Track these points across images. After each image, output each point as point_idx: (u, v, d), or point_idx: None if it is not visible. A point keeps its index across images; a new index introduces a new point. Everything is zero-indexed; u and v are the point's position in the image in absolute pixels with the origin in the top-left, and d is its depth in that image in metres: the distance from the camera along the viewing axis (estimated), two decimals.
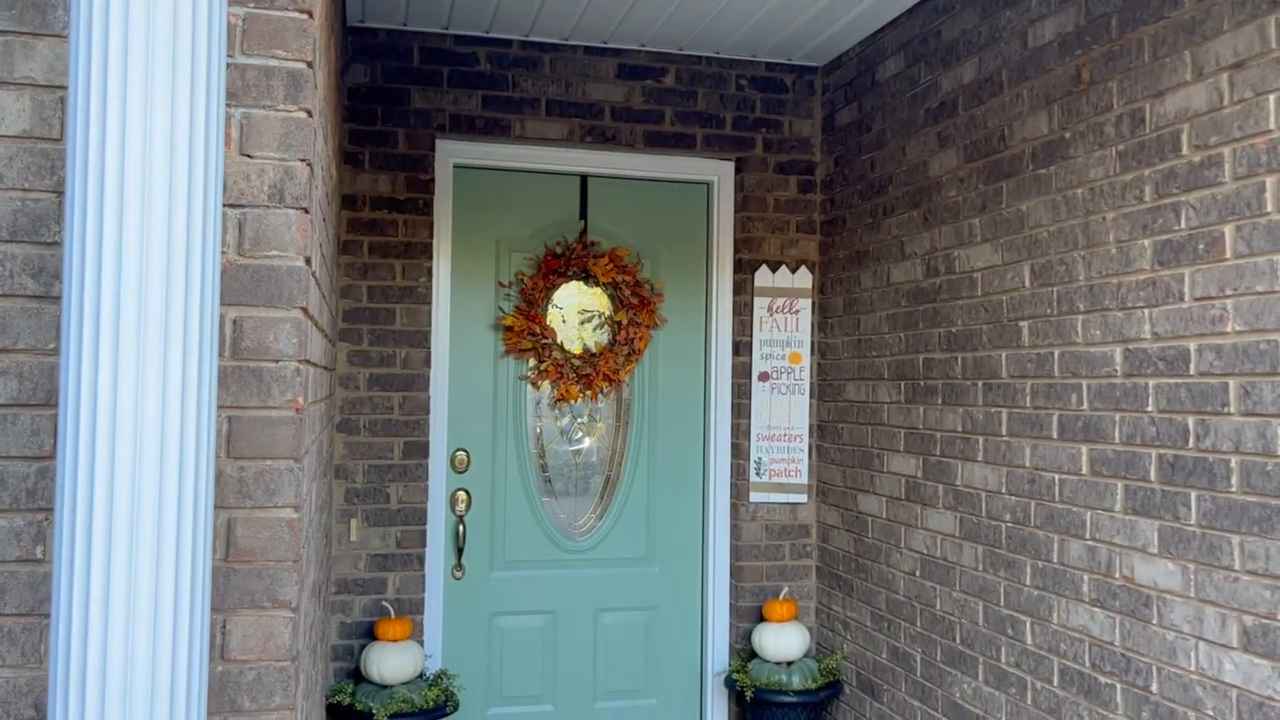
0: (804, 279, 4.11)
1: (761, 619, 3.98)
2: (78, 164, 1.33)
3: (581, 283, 4.11)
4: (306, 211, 1.71)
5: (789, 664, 3.82)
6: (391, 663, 3.47)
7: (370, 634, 3.68)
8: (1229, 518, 2.17)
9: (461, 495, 3.98)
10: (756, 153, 4.12)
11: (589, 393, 4.09)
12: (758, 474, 4.07)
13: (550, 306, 4.08)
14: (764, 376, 4.09)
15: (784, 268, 4.10)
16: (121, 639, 1.30)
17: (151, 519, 1.32)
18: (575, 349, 4.09)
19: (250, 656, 1.66)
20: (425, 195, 3.83)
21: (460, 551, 3.96)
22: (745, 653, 4.01)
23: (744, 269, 4.12)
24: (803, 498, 4.09)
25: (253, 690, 1.65)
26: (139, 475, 1.31)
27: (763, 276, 4.09)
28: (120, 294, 1.30)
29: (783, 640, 3.82)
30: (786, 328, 4.10)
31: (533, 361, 4.06)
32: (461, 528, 3.96)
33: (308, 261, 1.75)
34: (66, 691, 1.30)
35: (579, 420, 4.17)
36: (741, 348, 4.13)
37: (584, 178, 4.14)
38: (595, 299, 4.13)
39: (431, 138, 3.85)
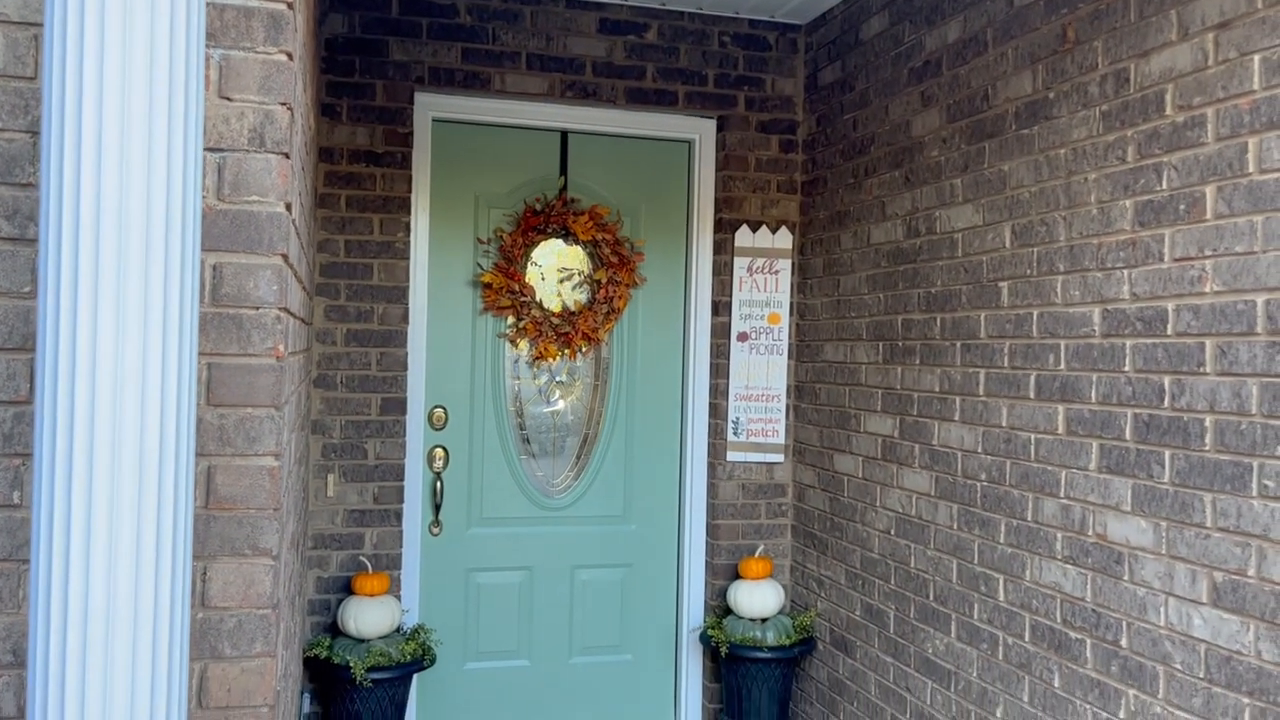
0: (784, 239, 4.11)
1: (737, 576, 4.01)
2: (53, 103, 1.30)
3: (561, 240, 4.09)
4: (287, 156, 1.68)
5: (763, 621, 3.86)
6: (369, 617, 3.48)
7: (347, 589, 3.68)
8: (1202, 476, 2.20)
9: (439, 452, 3.97)
10: (738, 111, 4.10)
11: (568, 351, 4.08)
12: (735, 434, 4.09)
13: (529, 264, 4.06)
14: (743, 337, 4.10)
15: (764, 228, 4.09)
16: (103, 584, 1.29)
17: (132, 464, 1.30)
18: (554, 307, 4.07)
19: (231, 604, 1.65)
20: (404, 149, 3.79)
21: (438, 508, 3.96)
22: (720, 609, 4.04)
23: (724, 228, 4.10)
24: (779, 457, 4.11)
25: (234, 637, 1.65)
26: (119, 420, 1.30)
27: (743, 236, 4.09)
28: (99, 237, 1.28)
29: (757, 597, 3.86)
30: (766, 288, 4.10)
31: (511, 319, 4.04)
32: (439, 484, 3.96)
33: (288, 208, 1.73)
34: (47, 636, 1.29)
35: (557, 379, 4.17)
36: (721, 308, 4.13)
37: (564, 134, 4.10)
38: (575, 257, 4.11)
39: (410, 90, 3.80)
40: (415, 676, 3.75)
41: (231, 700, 1.65)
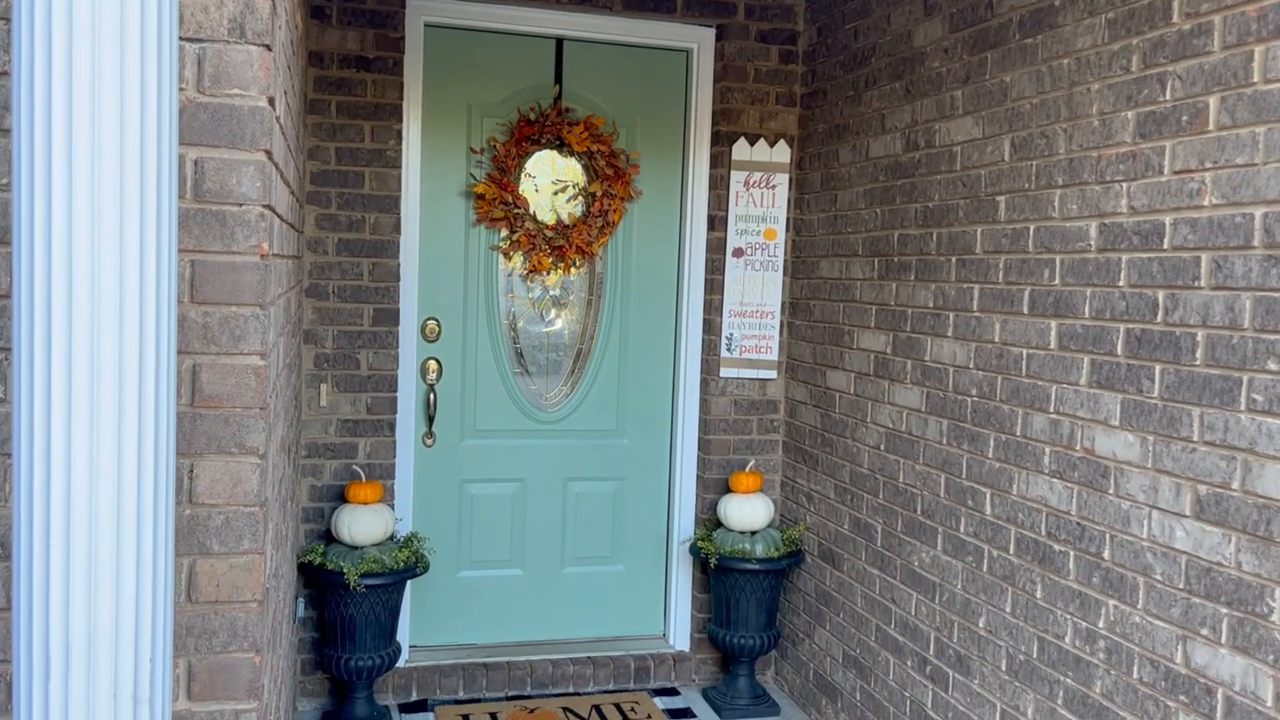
0: (782, 153, 4.05)
1: (728, 490, 4.05)
2: None
3: (555, 151, 4.03)
4: (269, 49, 1.64)
5: (753, 533, 3.90)
6: (362, 525, 3.51)
7: (341, 497, 3.71)
8: (1191, 390, 2.20)
9: (432, 364, 3.97)
10: (738, 19, 4.00)
11: (561, 265, 4.05)
12: (729, 350, 4.08)
13: (523, 175, 4.00)
14: (738, 252, 4.07)
15: (762, 141, 4.03)
16: (86, 476, 1.29)
17: (112, 357, 1.29)
18: (548, 220, 4.03)
19: (218, 501, 1.66)
20: (395, 54, 3.71)
21: (431, 419, 3.98)
22: (711, 522, 4.09)
23: (722, 141, 4.04)
24: (772, 374, 4.11)
25: (221, 534, 1.66)
26: (98, 313, 1.28)
27: (740, 150, 4.03)
28: (72, 119, 1.25)
29: (747, 510, 3.90)
30: (763, 203, 4.06)
31: (505, 231, 4.00)
32: (432, 396, 3.96)
33: (271, 103, 1.69)
34: (31, 528, 1.29)
35: (551, 292, 4.15)
36: (717, 223, 4.09)
37: (559, 41, 4.02)
38: (569, 169, 4.06)
39: None
40: (409, 583, 3.81)
41: (220, 595, 1.67)
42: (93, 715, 1.27)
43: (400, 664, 3.86)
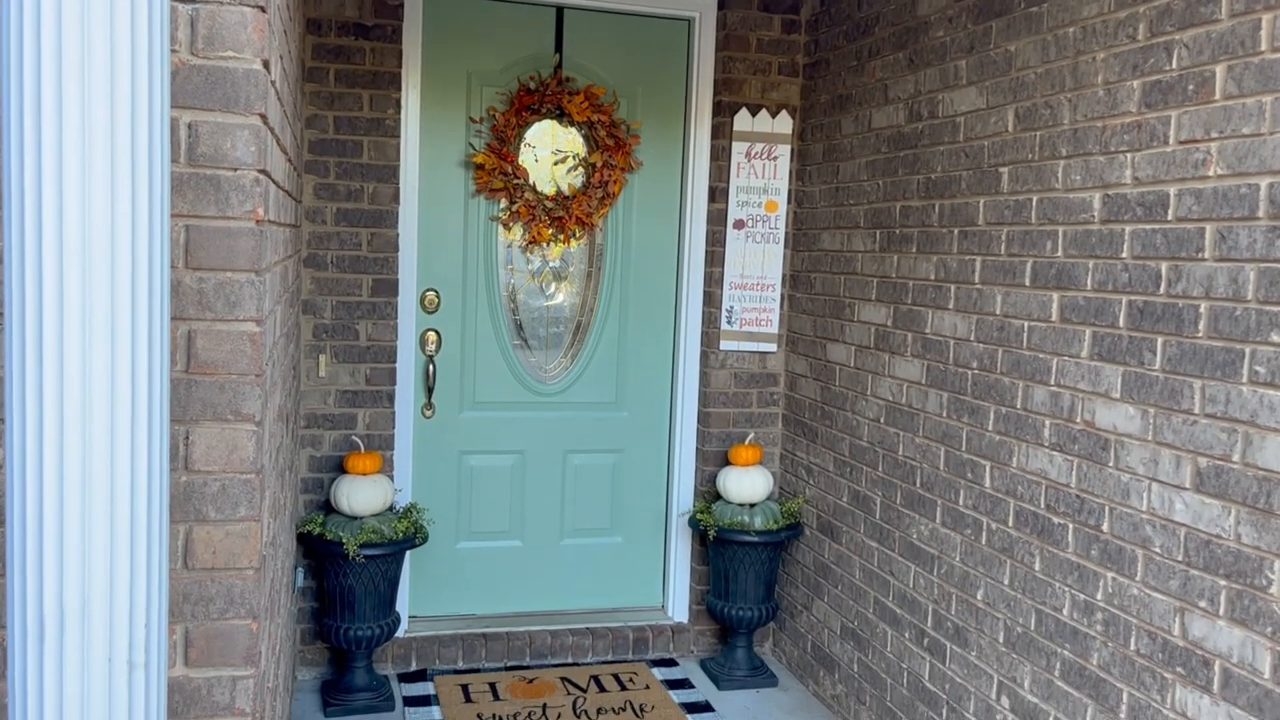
0: (784, 124, 4.02)
1: (727, 463, 4.05)
2: None
3: (555, 121, 3.99)
4: (263, 10, 1.62)
5: (752, 506, 3.90)
6: (361, 495, 3.51)
7: (340, 468, 3.71)
8: (1193, 362, 2.19)
9: (431, 335, 3.96)
10: None
11: (561, 236, 4.03)
12: (729, 323, 4.07)
13: (522, 145, 3.97)
14: (739, 224, 4.04)
15: (764, 111, 4.00)
16: (79, 441, 1.28)
17: (104, 321, 1.28)
18: (548, 191, 4.01)
19: (214, 468, 1.65)
20: (394, 22, 3.67)
21: (430, 391, 3.97)
22: (710, 495, 4.09)
23: (723, 112, 4.01)
24: (772, 347, 4.10)
25: (217, 501, 1.66)
26: (89, 274, 1.27)
27: (742, 120, 3.99)
28: (62, 80, 1.23)
29: (746, 483, 3.89)
30: (764, 174, 4.03)
31: (504, 202, 3.97)
32: (432, 367, 3.96)
33: (266, 66, 1.67)
34: (24, 493, 1.28)
35: (551, 264, 4.13)
36: (718, 194, 4.06)
37: (560, 9, 3.98)
38: (569, 139, 4.03)
39: None
40: (408, 554, 3.81)
41: (217, 562, 1.67)
42: (87, 680, 1.26)
43: (399, 634, 3.87)
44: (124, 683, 1.29)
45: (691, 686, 3.87)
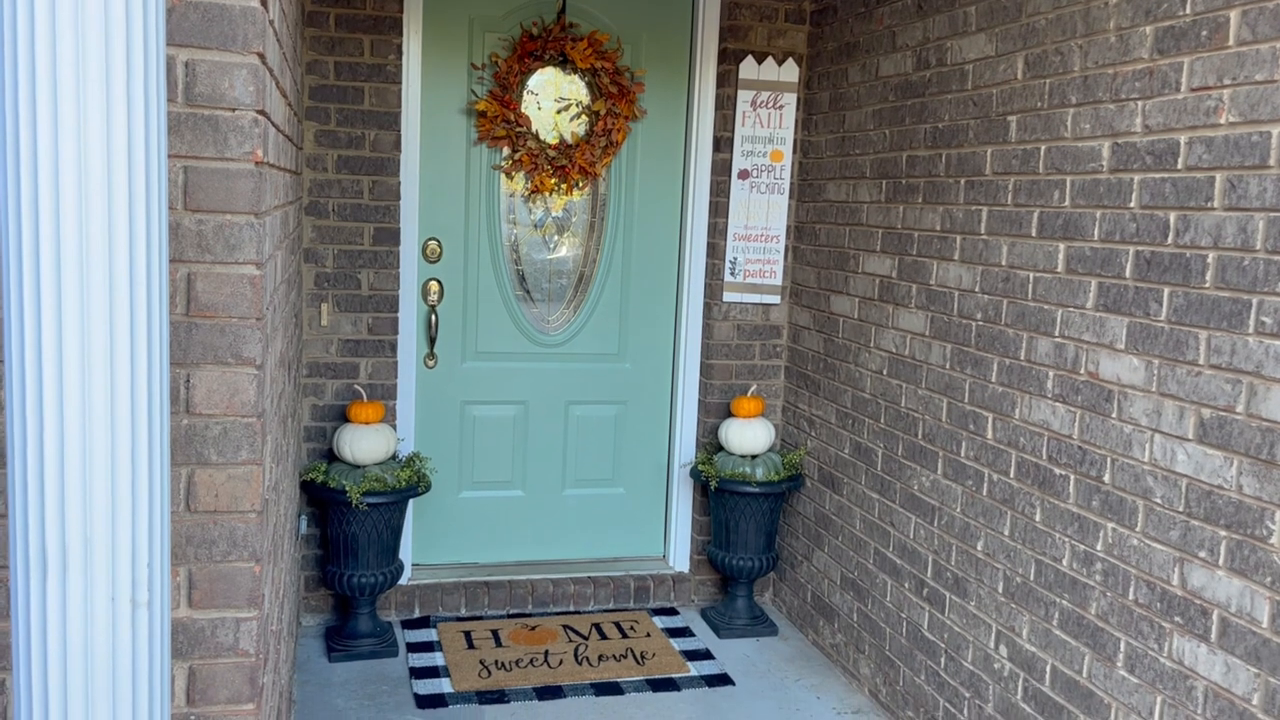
0: (790, 72, 3.97)
1: (729, 415, 4.05)
2: None
3: (558, 68, 3.95)
4: None
5: (753, 457, 3.91)
6: (364, 444, 3.52)
7: (343, 417, 3.72)
8: (1199, 313, 2.17)
9: (434, 285, 3.94)
10: None
11: (564, 185, 4.00)
12: (732, 274, 4.05)
13: (525, 93, 3.93)
14: (744, 174, 4.01)
15: (770, 59, 3.95)
16: (78, 380, 1.28)
17: (102, 262, 1.27)
18: (551, 139, 3.97)
19: (216, 411, 1.65)
20: None
21: (432, 340, 3.96)
22: (712, 446, 4.10)
23: (729, 59, 3.96)
24: (776, 299, 4.09)
25: (219, 444, 1.66)
26: (85, 215, 1.25)
27: (748, 68, 3.94)
28: (55, 13, 1.21)
29: (748, 434, 3.90)
30: (769, 124, 3.99)
31: (506, 150, 3.94)
32: (434, 317, 3.95)
33: (264, 4, 1.64)
34: (25, 438, 1.28)
35: (553, 215, 4.10)
36: (722, 144, 4.02)
37: None
38: (572, 87, 3.98)
39: None
40: (411, 503, 3.83)
41: (219, 505, 1.67)
42: (91, 617, 1.27)
43: (403, 582, 3.90)
44: (128, 621, 1.30)
45: (692, 635, 3.91)
